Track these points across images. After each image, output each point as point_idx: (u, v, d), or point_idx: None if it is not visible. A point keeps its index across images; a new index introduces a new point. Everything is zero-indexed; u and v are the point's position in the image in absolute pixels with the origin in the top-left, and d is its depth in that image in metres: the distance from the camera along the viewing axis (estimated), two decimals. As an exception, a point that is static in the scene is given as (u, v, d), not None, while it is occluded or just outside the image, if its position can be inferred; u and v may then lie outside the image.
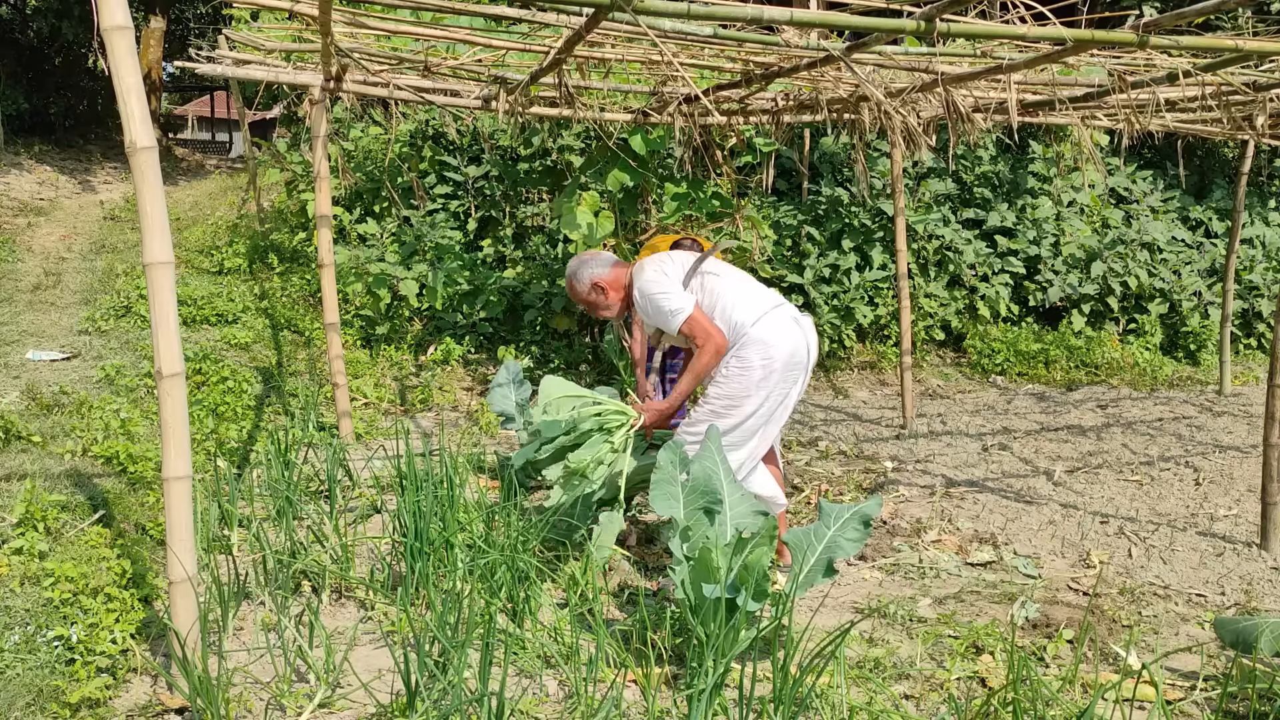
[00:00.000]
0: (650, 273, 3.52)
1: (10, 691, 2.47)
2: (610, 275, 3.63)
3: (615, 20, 3.15)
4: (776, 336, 3.40)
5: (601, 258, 3.68)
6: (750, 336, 3.39)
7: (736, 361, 3.40)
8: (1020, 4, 3.09)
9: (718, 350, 3.39)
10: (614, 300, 3.66)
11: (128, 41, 2.38)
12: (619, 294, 3.65)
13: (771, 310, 3.46)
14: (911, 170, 8.54)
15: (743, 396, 3.39)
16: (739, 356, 3.40)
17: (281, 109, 9.12)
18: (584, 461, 3.50)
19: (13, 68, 15.13)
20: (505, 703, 2.40)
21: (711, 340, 3.39)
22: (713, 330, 3.40)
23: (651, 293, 3.45)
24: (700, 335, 3.39)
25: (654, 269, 3.53)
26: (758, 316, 3.43)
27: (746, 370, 3.38)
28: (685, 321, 3.39)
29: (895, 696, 2.77)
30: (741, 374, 3.39)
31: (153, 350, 2.50)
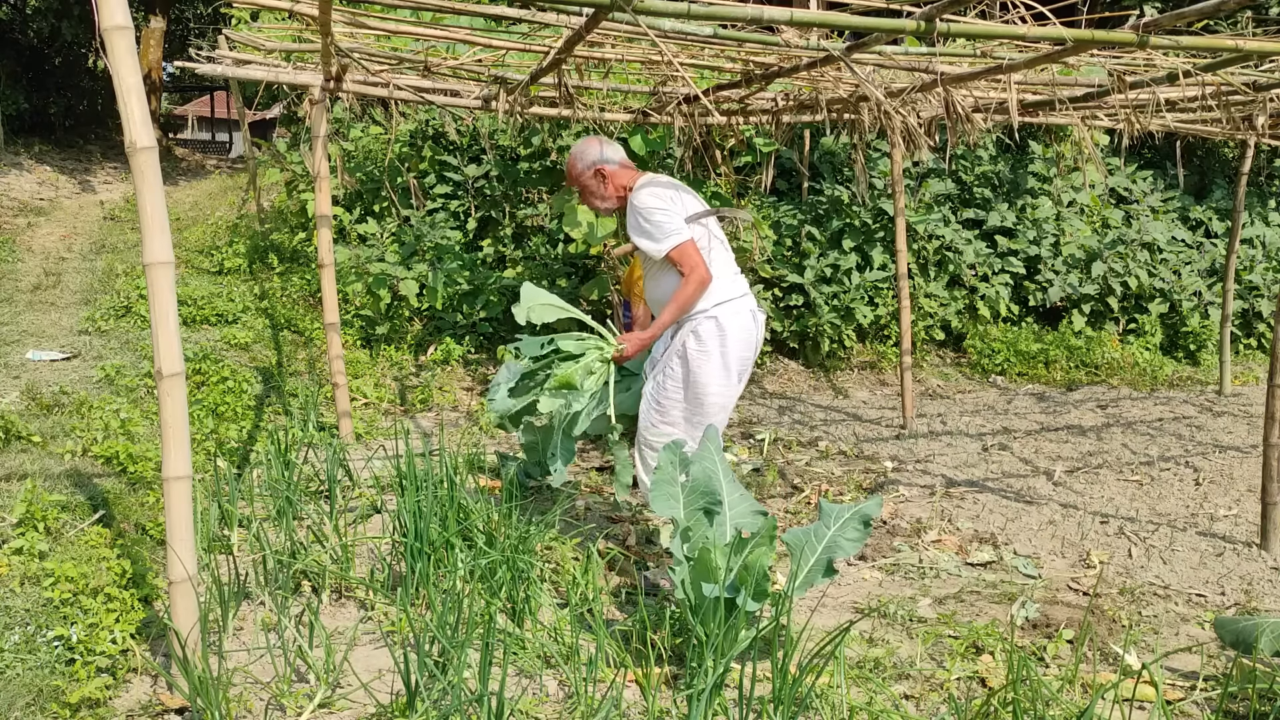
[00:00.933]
0: (656, 191, 3.43)
1: (10, 691, 2.47)
2: (617, 168, 3.54)
3: (615, 20, 3.15)
4: (734, 323, 3.42)
5: (615, 147, 3.57)
6: (714, 314, 3.40)
7: (692, 339, 3.40)
8: (1020, 4, 3.09)
9: (701, 283, 3.34)
10: (610, 194, 3.56)
11: (128, 41, 2.39)
12: (617, 192, 3.55)
13: (738, 298, 3.48)
14: (911, 170, 8.54)
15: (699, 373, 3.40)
16: (695, 334, 3.40)
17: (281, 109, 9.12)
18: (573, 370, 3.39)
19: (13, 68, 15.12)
20: (505, 703, 2.40)
21: (698, 272, 3.33)
22: (702, 263, 3.35)
23: (650, 206, 3.36)
24: (689, 264, 3.33)
25: (661, 190, 3.45)
26: (726, 299, 3.43)
27: (703, 348, 3.40)
28: (678, 248, 3.33)
29: (895, 696, 2.77)
30: (698, 350, 3.40)
31: (153, 350, 2.50)
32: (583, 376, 3.40)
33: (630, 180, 3.54)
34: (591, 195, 3.59)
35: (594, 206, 3.64)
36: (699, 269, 3.33)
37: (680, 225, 3.36)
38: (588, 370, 3.40)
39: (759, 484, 5.01)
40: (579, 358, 3.42)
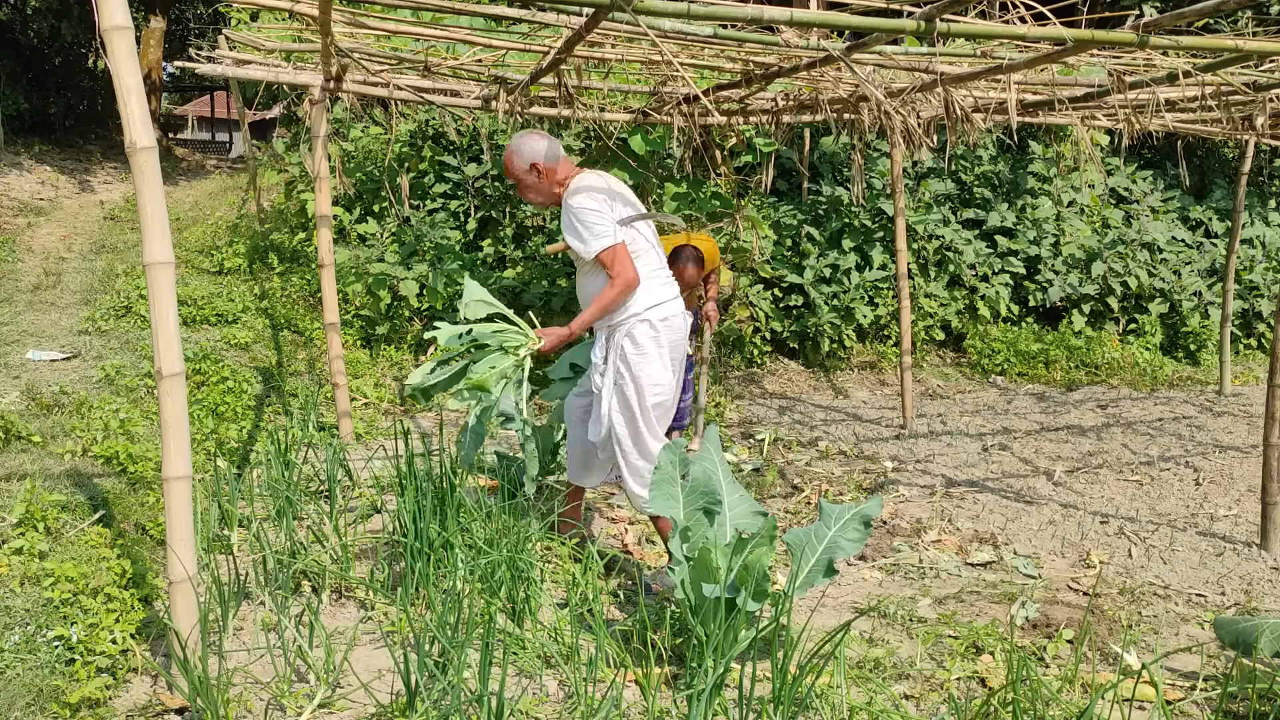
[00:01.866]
0: (591, 191, 3.43)
1: (10, 691, 2.47)
2: (553, 164, 3.51)
3: (615, 20, 3.15)
4: (667, 325, 3.46)
5: (553, 144, 3.57)
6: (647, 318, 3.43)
7: (629, 343, 3.43)
8: (1020, 4, 3.09)
9: (627, 287, 3.37)
10: (546, 188, 3.54)
11: (128, 41, 2.39)
12: (554, 187, 3.54)
13: (670, 301, 3.50)
14: (911, 170, 8.54)
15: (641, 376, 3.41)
16: (631, 338, 3.43)
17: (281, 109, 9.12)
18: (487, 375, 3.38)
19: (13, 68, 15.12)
20: (505, 703, 2.40)
21: (625, 276, 3.35)
22: (630, 268, 3.37)
23: (584, 207, 3.37)
24: (617, 267, 3.35)
25: (596, 190, 3.44)
26: (658, 302, 3.46)
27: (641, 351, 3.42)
28: (608, 250, 3.34)
29: (895, 696, 2.77)
30: (636, 355, 3.42)
31: (153, 350, 2.50)
32: (497, 379, 3.40)
33: (567, 176, 3.54)
34: (528, 190, 3.58)
35: (531, 201, 3.66)
36: (626, 273, 3.36)
37: (611, 228, 3.37)
38: (502, 375, 3.40)
39: (759, 484, 5.01)
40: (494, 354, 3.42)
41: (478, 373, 3.36)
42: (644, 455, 3.46)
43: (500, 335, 3.45)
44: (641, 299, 3.43)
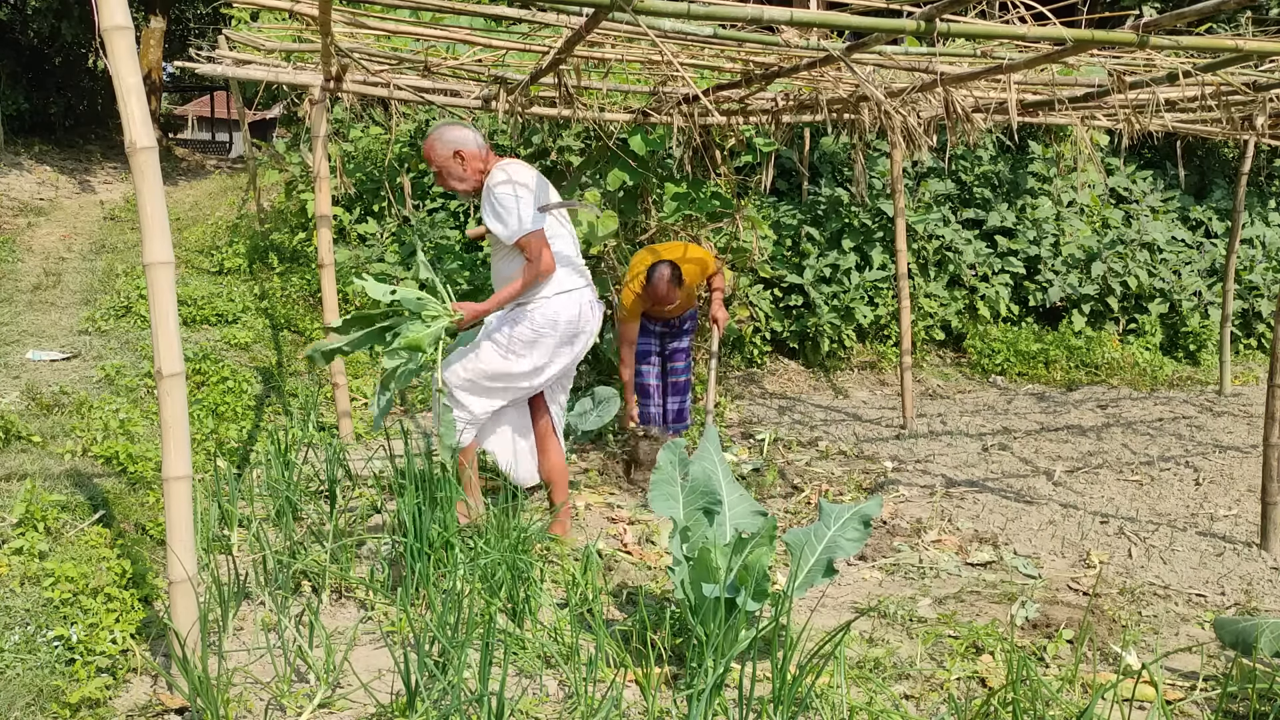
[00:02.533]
0: (512, 177, 3.54)
1: (10, 691, 2.47)
2: (475, 151, 3.64)
3: (615, 20, 3.15)
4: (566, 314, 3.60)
5: (474, 131, 3.68)
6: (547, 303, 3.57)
7: (523, 314, 3.57)
8: (1020, 4, 3.09)
9: (542, 274, 3.53)
10: (469, 175, 3.66)
11: (128, 41, 2.38)
12: (476, 175, 3.65)
13: (577, 290, 3.65)
14: (911, 170, 8.54)
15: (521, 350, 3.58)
16: (530, 317, 3.57)
17: (281, 109, 9.12)
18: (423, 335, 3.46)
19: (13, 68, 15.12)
20: (505, 703, 2.40)
21: (545, 262, 3.51)
22: (547, 254, 3.52)
23: (505, 193, 3.50)
24: (533, 253, 3.50)
25: (517, 177, 3.56)
26: (564, 290, 3.60)
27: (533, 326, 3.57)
28: (528, 236, 3.49)
29: (895, 696, 2.77)
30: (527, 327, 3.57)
31: (153, 350, 2.50)
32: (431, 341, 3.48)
33: (488, 163, 3.64)
34: (449, 177, 3.67)
35: (451, 188, 3.73)
36: (544, 258, 3.51)
37: (531, 214, 3.51)
38: (435, 337, 3.47)
39: (759, 484, 5.01)
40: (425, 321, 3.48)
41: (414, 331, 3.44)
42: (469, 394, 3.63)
43: (422, 303, 3.51)
44: (549, 284, 3.59)
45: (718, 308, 5.37)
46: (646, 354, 5.47)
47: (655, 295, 4.97)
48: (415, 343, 3.43)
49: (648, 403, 5.45)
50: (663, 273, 4.95)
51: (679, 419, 5.48)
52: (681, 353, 5.47)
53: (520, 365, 3.62)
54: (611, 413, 4.90)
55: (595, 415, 4.89)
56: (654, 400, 5.45)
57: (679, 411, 5.49)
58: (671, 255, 5.11)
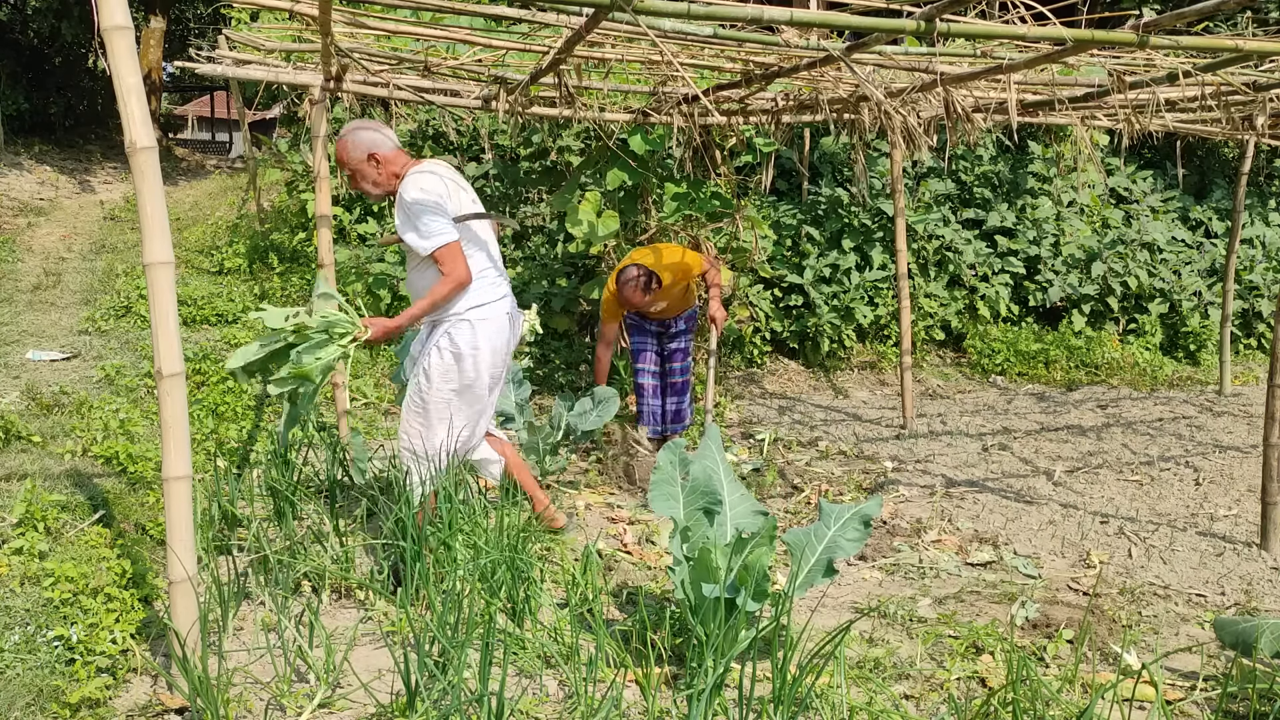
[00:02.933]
0: (427, 186, 3.38)
1: (10, 691, 2.47)
2: (390, 154, 3.50)
3: (615, 20, 3.15)
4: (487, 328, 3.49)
5: (388, 132, 3.55)
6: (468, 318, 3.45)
7: (447, 339, 3.46)
8: (1020, 4, 3.09)
9: (458, 286, 3.39)
10: (383, 179, 3.51)
11: (128, 41, 2.38)
12: (390, 179, 3.51)
13: (496, 302, 3.53)
14: (911, 170, 8.54)
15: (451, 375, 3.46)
16: (450, 335, 3.45)
17: (281, 109, 9.12)
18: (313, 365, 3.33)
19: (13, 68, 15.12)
20: (505, 703, 2.40)
21: (456, 275, 3.37)
22: (462, 266, 3.38)
23: (420, 201, 3.34)
24: (449, 266, 3.36)
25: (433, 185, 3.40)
26: (481, 303, 3.48)
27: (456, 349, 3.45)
28: (444, 248, 3.35)
29: (895, 696, 2.77)
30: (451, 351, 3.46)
31: (153, 350, 2.50)
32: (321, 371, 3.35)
33: (403, 167, 3.50)
34: (363, 180, 3.53)
35: (364, 191, 3.58)
36: (458, 271, 3.36)
37: (447, 225, 3.36)
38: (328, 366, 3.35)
39: (759, 484, 5.01)
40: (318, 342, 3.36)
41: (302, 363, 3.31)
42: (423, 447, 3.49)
43: (327, 321, 3.39)
44: (466, 299, 3.46)
45: (716, 307, 5.37)
46: (641, 352, 5.47)
47: (623, 299, 4.96)
48: (304, 373, 3.30)
49: (642, 401, 5.45)
50: (629, 274, 4.93)
51: (677, 419, 5.47)
52: (680, 352, 5.47)
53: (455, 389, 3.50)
54: (611, 412, 4.90)
55: (595, 415, 4.89)
56: (648, 398, 5.45)
57: (677, 412, 5.47)
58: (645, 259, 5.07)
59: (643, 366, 5.46)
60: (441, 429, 3.49)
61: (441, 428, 3.49)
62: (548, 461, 4.73)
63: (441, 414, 3.48)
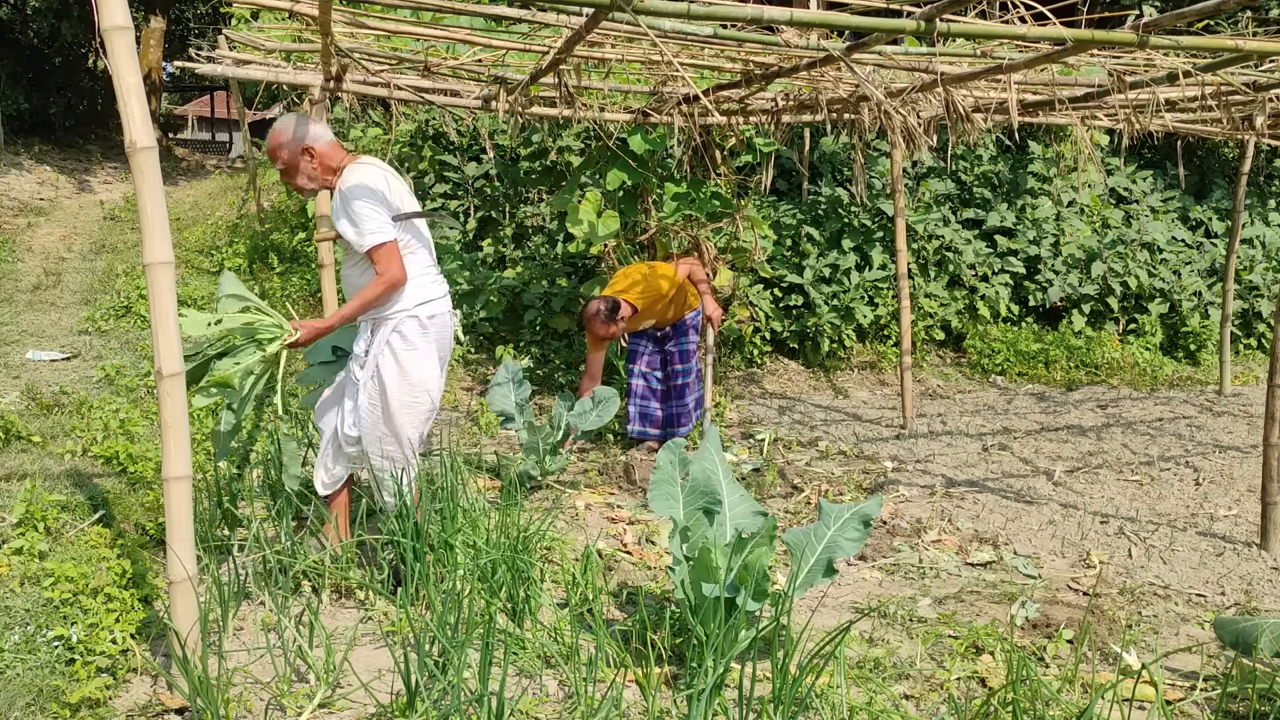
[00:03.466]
0: (366, 183, 3.30)
1: (10, 691, 2.47)
2: (326, 149, 3.39)
3: (615, 20, 3.15)
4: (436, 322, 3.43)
5: (323, 126, 3.47)
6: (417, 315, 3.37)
7: (398, 338, 3.36)
8: (1020, 4, 3.09)
9: (392, 285, 3.28)
10: (316, 173, 3.41)
11: (128, 41, 2.38)
12: (325, 174, 3.41)
13: (439, 299, 3.47)
14: (911, 170, 8.54)
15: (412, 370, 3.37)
16: (400, 333, 3.36)
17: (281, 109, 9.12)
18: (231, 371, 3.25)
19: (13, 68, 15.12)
20: (505, 703, 2.40)
21: (392, 274, 3.27)
22: (398, 265, 3.29)
23: (359, 198, 3.25)
24: (385, 264, 3.26)
25: (372, 182, 3.31)
26: (425, 300, 3.41)
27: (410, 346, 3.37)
28: (380, 247, 3.25)
29: (895, 696, 2.77)
30: (405, 350, 3.37)
31: (153, 350, 2.50)
32: (242, 377, 3.28)
33: (339, 162, 3.41)
34: (297, 174, 3.42)
35: (296, 186, 3.48)
36: (393, 270, 3.27)
37: (385, 223, 3.27)
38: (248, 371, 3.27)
39: (759, 484, 5.01)
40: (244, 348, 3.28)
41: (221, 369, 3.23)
42: (391, 453, 3.41)
43: (253, 326, 3.30)
44: (411, 295, 3.37)
45: (711, 305, 5.36)
46: (636, 354, 5.47)
47: (593, 334, 4.99)
48: (225, 379, 3.21)
49: (630, 400, 5.45)
50: (589, 310, 4.96)
51: (678, 422, 5.46)
52: (678, 354, 5.46)
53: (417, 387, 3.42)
54: (611, 412, 4.90)
55: (595, 415, 4.88)
56: (636, 399, 5.44)
57: (678, 415, 5.46)
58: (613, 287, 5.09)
59: (634, 367, 5.47)
60: (409, 428, 3.41)
61: (409, 426, 3.41)
62: (548, 461, 4.73)
63: (403, 414, 3.38)
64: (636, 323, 5.22)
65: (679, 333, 5.45)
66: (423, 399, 3.42)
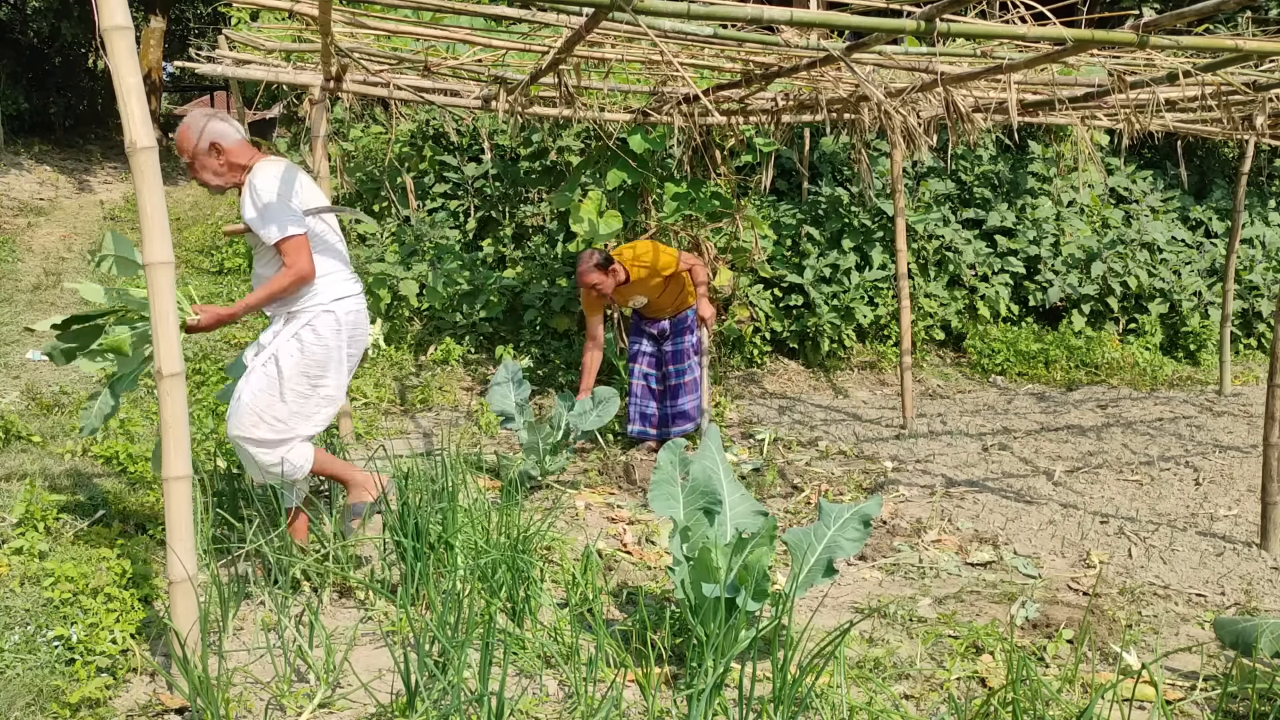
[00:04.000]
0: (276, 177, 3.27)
1: (10, 691, 2.47)
2: (235, 146, 3.35)
3: (615, 20, 3.15)
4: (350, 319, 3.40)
5: (232, 122, 3.42)
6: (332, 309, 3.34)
7: (310, 332, 3.31)
8: (1020, 4, 3.09)
9: (300, 279, 3.24)
10: (223, 170, 3.35)
11: (128, 41, 2.38)
12: (233, 172, 3.36)
13: (353, 296, 3.44)
14: (911, 170, 8.54)
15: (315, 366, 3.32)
16: (313, 327, 3.32)
17: (281, 109, 9.12)
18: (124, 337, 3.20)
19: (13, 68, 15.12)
20: (505, 703, 2.40)
21: (299, 267, 3.23)
22: (306, 259, 3.25)
23: (269, 190, 3.23)
24: (293, 258, 3.22)
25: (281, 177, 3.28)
26: (341, 296, 3.38)
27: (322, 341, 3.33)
28: (289, 240, 3.21)
29: (895, 696, 2.77)
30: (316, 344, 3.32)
31: (153, 350, 2.50)
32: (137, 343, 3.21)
33: (248, 159, 3.38)
34: (204, 170, 3.38)
35: (204, 182, 3.43)
36: (301, 263, 3.24)
37: (295, 216, 3.25)
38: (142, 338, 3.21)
39: (759, 484, 5.01)
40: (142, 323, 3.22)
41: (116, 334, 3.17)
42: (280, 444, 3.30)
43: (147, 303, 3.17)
44: (327, 291, 3.35)
45: (704, 306, 5.36)
46: (635, 354, 5.47)
47: (581, 278, 5.03)
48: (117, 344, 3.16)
49: (629, 401, 5.45)
50: (583, 255, 5.03)
51: (673, 423, 5.46)
52: (675, 354, 5.47)
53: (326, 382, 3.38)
54: (611, 412, 4.90)
55: (595, 415, 4.89)
56: (635, 399, 5.44)
57: (673, 416, 5.46)
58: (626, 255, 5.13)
59: (635, 367, 5.48)
60: (302, 424, 3.33)
61: (302, 423, 3.33)
62: (548, 461, 4.73)
63: (299, 407, 3.31)
64: (626, 294, 5.23)
65: (675, 332, 5.46)
66: (320, 393, 3.35)
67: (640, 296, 5.27)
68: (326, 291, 3.36)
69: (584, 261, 5.01)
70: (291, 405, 3.30)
